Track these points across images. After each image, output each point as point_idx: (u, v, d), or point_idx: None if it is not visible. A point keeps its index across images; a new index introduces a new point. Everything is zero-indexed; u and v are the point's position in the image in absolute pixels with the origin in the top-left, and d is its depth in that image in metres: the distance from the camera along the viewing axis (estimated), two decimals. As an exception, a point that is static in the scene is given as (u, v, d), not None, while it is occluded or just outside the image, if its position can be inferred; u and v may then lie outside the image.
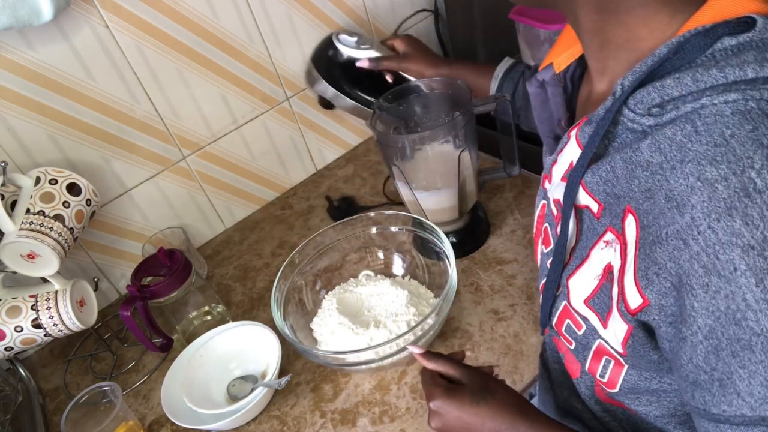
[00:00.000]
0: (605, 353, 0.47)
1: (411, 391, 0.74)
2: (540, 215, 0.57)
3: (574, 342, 0.50)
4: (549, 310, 0.51)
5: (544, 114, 0.55)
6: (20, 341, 0.81)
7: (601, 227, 0.42)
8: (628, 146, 0.38)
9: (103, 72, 0.89)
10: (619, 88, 0.39)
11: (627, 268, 0.39)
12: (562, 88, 0.54)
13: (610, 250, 0.42)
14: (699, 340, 0.35)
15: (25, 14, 0.75)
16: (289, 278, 0.83)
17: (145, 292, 0.80)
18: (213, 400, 0.78)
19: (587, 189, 0.43)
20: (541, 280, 0.54)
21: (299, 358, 0.82)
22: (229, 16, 0.97)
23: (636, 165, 0.38)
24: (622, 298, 0.40)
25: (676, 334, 0.37)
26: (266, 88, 1.07)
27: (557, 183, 0.49)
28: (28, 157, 0.88)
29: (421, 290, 0.85)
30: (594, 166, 0.41)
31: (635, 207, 0.38)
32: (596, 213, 0.43)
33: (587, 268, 0.45)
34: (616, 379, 0.49)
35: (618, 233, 0.40)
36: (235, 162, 1.09)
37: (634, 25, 0.40)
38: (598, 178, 0.41)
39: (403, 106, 0.87)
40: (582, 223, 0.45)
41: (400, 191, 0.89)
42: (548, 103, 0.54)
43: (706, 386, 0.36)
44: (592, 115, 0.43)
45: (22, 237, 0.75)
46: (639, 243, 0.38)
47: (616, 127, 0.40)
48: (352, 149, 1.25)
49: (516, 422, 0.50)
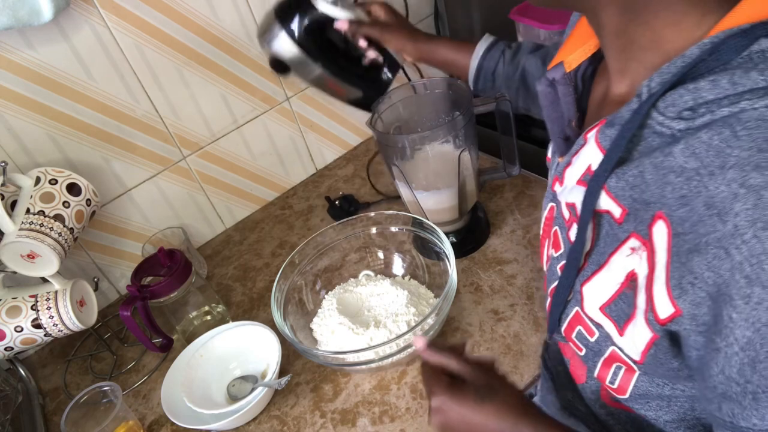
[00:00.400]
0: (617, 360, 0.46)
1: (411, 391, 0.74)
2: (548, 218, 0.55)
3: (585, 348, 0.49)
4: (559, 315, 0.50)
5: (554, 114, 0.53)
6: (20, 341, 0.81)
7: (623, 233, 0.41)
8: (658, 150, 0.37)
9: (103, 72, 0.89)
10: (646, 90, 0.38)
11: (656, 276, 0.38)
12: (573, 87, 0.52)
13: (636, 257, 0.40)
14: (735, 351, 0.34)
15: (25, 14, 0.75)
16: (289, 278, 0.83)
17: (145, 292, 0.80)
18: (213, 400, 0.78)
19: (611, 193, 0.41)
20: (551, 285, 0.52)
21: (299, 358, 0.82)
22: (229, 16, 0.97)
23: (668, 170, 0.36)
24: (651, 307, 0.39)
25: (708, 344, 0.36)
26: (266, 88, 1.07)
27: (571, 186, 0.48)
28: (28, 157, 0.88)
29: (421, 290, 0.85)
30: (619, 171, 0.40)
31: (667, 213, 0.37)
32: (618, 218, 0.41)
33: (606, 275, 0.43)
34: (627, 386, 0.48)
35: (644, 240, 0.39)
36: (235, 162, 1.09)
37: (661, 27, 0.39)
38: (624, 183, 0.40)
39: (403, 106, 0.87)
40: (600, 228, 0.44)
41: (400, 191, 0.89)
42: (558, 102, 0.53)
43: (737, 399, 0.35)
44: (613, 117, 0.41)
45: (22, 237, 0.75)
46: (672, 251, 0.36)
47: (642, 130, 0.39)
48: (352, 149, 1.25)
49: (519, 423, 0.49)
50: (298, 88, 1.11)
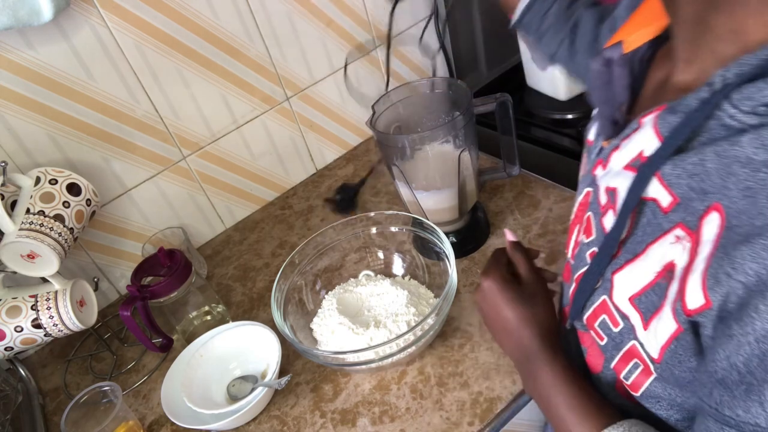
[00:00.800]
0: (636, 356, 0.45)
1: (411, 391, 0.74)
2: (583, 203, 0.53)
3: (607, 338, 0.48)
4: (583, 303, 0.49)
5: (606, 95, 0.51)
6: (20, 341, 0.81)
7: (669, 223, 0.40)
8: (724, 140, 0.36)
9: (103, 72, 0.89)
10: (720, 80, 0.37)
11: (694, 267, 0.37)
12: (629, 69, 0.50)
13: (679, 246, 0.39)
14: (748, 341, 0.33)
15: (25, 14, 0.75)
16: (289, 278, 0.83)
17: (145, 292, 0.80)
18: (213, 400, 0.78)
19: (664, 181, 0.40)
20: (577, 271, 0.51)
21: (299, 358, 0.82)
22: (229, 16, 0.97)
23: (733, 160, 0.35)
24: (680, 297, 0.38)
25: (723, 329, 0.35)
26: (266, 88, 1.07)
27: (616, 171, 0.46)
28: (28, 157, 0.88)
29: (421, 290, 0.85)
30: (677, 158, 0.39)
31: (726, 205, 0.36)
32: (665, 207, 0.40)
33: (641, 264, 0.42)
34: (640, 385, 0.47)
35: (691, 231, 0.38)
36: (235, 162, 1.09)
37: (744, 16, 0.37)
38: (681, 171, 0.38)
39: (403, 106, 0.87)
40: (640, 216, 0.42)
41: (400, 191, 0.89)
42: (612, 84, 0.50)
43: (731, 386, 0.35)
44: (677, 104, 0.40)
45: (22, 237, 0.75)
46: (719, 243, 0.35)
47: (708, 121, 0.38)
48: (352, 149, 1.25)
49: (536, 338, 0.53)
50: (298, 88, 1.11)
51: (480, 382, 0.72)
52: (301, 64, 1.09)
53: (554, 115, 1.11)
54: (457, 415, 0.69)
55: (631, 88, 0.50)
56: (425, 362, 0.77)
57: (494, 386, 0.71)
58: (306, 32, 1.06)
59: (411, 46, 1.23)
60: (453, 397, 0.72)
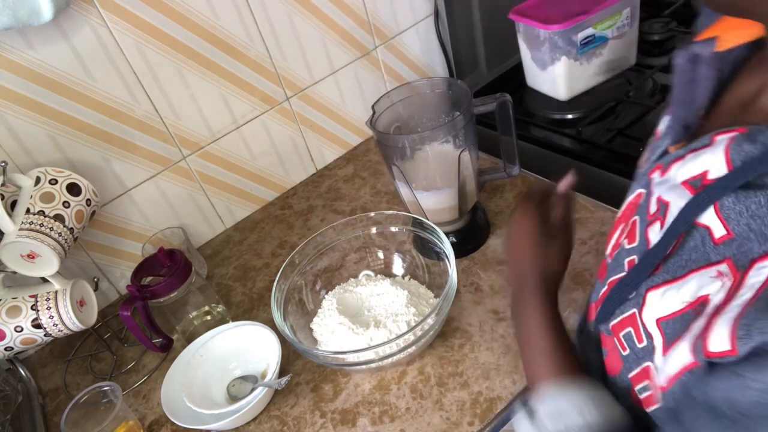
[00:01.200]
0: (649, 378, 0.43)
1: (411, 391, 0.74)
2: (632, 203, 0.50)
3: (629, 350, 0.45)
4: (613, 309, 0.46)
5: (685, 96, 0.45)
6: (20, 341, 0.81)
7: (717, 255, 0.36)
8: None
9: (103, 72, 0.89)
10: None
11: (728, 310, 0.33)
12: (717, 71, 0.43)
13: (718, 283, 0.35)
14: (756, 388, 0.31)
15: (25, 14, 0.75)
16: (289, 278, 0.83)
17: (145, 292, 0.80)
18: (213, 400, 0.78)
19: (720, 213, 0.36)
20: (612, 275, 0.48)
21: (299, 358, 0.82)
22: (229, 17, 0.97)
23: None
24: (703, 336, 0.35)
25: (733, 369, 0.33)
26: (266, 88, 1.07)
27: (674, 184, 0.42)
28: (28, 157, 0.88)
29: (421, 290, 0.85)
30: (742, 193, 0.34)
31: None
32: (717, 239, 0.36)
33: (677, 289, 0.39)
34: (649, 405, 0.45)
35: (737, 270, 0.34)
36: (235, 162, 1.09)
37: None
38: (744, 208, 0.34)
39: (403, 106, 0.87)
40: (688, 239, 0.38)
41: (400, 191, 0.89)
42: (694, 84, 0.44)
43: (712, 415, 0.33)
44: (758, 133, 0.35)
45: (22, 237, 0.75)
46: (762, 293, 0.32)
47: None
48: (352, 149, 1.25)
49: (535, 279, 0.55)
50: (298, 88, 1.11)
51: (480, 382, 0.72)
52: (301, 64, 1.09)
53: (554, 115, 1.12)
54: (457, 415, 0.69)
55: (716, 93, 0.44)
56: (425, 362, 0.77)
57: (494, 386, 0.71)
58: (306, 32, 1.06)
59: (411, 46, 1.23)
60: (453, 397, 0.72)
